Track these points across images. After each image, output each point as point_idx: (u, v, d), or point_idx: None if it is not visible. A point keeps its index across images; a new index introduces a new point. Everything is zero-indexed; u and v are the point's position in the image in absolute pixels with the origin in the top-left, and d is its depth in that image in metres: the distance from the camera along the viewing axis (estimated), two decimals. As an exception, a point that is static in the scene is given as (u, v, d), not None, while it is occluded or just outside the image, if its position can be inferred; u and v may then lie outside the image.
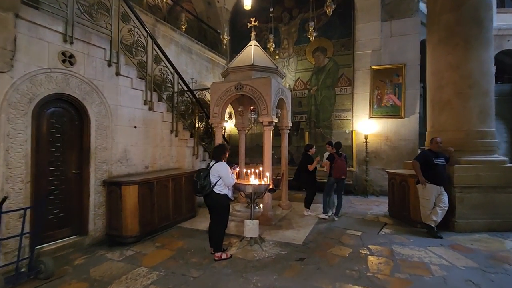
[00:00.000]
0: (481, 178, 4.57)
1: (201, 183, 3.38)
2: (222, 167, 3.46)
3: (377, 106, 8.07)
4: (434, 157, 4.46)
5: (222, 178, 3.42)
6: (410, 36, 7.79)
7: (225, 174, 3.43)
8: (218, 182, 3.42)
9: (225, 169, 3.46)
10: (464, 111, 4.86)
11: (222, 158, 3.53)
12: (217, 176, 3.42)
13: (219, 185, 3.43)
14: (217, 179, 3.42)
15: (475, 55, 4.83)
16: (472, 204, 4.62)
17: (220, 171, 3.43)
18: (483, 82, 4.84)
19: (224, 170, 3.45)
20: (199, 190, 3.43)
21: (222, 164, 3.49)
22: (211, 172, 3.44)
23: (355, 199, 7.32)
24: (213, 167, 3.45)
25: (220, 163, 3.48)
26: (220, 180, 3.42)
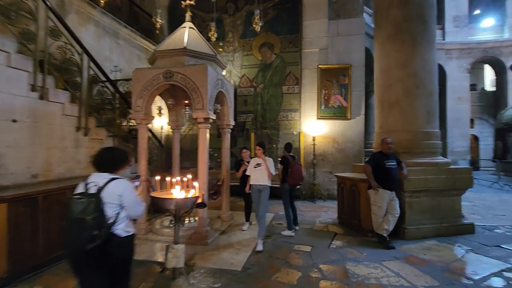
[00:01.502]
0: (429, 181, 4.36)
1: (90, 224, 1.73)
2: (125, 188, 1.93)
3: (325, 107, 7.78)
4: (385, 160, 4.09)
5: (128, 207, 1.94)
6: (355, 36, 7.68)
7: (132, 199, 1.96)
8: (121, 215, 1.91)
9: (130, 191, 1.97)
10: (412, 111, 4.65)
11: (120, 170, 2.04)
12: (118, 204, 1.89)
13: (122, 221, 1.92)
14: (117, 210, 1.89)
15: (421, 53, 4.67)
16: (421, 209, 4.39)
17: (123, 195, 1.90)
18: (429, 81, 4.69)
19: (130, 193, 1.96)
20: (87, 240, 1.73)
21: (123, 182, 1.95)
22: (105, 198, 1.83)
23: (303, 204, 6.83)
24: (107, 189, 1.85)
25: (119, 181, 1.92)
26: (124, 211, 1.94)
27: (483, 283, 2.91)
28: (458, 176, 4.52)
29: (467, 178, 4.57)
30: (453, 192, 4.57)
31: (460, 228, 4.47)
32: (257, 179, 4.25)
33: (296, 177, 4.70)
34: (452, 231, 4.41)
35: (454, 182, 4.49)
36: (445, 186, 4.46)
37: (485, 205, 6.75)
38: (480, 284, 2.89)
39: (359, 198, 4.51)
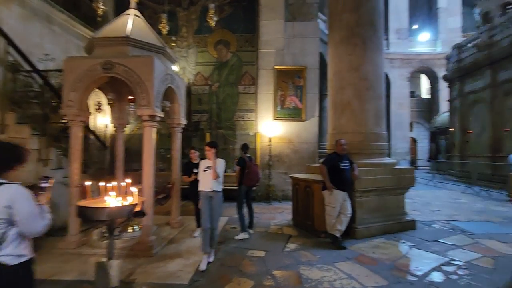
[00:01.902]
0: (377, 181, 4.52)
1: None
2: (16, 197, 1.40)
3: (281, 108, 7.77)
4: (339, 161, 4.13)
5: (21, 221, 1.40)
6: (310, 39, 7.82)
7: (27, 211, 1.41)
8: (9, 234, 1.39)
9: (25, 201, 1.42)
10: (362, 113, 4.80)
11: (9, 172, 1.47)
12: (4, 220, 1.37)
13: (11, 243, 1.40)
14: (3, 229, 1.37)
15: (371, 57, 4.85)
16: (370, 208, 4.53)
17: (14, 206, 1.37)
18: (378, 85, 4.90)
19: (23, 204, 1.41)
20: None
21: (14, 188, 1.41)
22: None
23: (258, 206, 6.69)
24: None
25: (7, 187, 1.40)
26: (14, 229, 1.41)
27: (426, 279, 3.03)
28: (403, 176, 4.78)
29: (410, 178, 4.86)
30: (398, 191, 4.82)
31: (404, 225, 4.73)
32: (207, 184, 3.53)
33: (253, 178, 4.61)
34: (397, 228, 4.64)
35: (399, 182, 4.74)
36: (392, 186, 4.67)
37: (423, 202, 7.35)
38: (423, 280, 3.01)
39: (313, 199, 4.50)
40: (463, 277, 3.04)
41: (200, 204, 3.58)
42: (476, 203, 7.25)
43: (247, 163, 4.62)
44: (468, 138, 12.07)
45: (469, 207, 6.64)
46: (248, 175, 4.56)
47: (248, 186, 4.63)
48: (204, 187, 3.58)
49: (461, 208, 6.51)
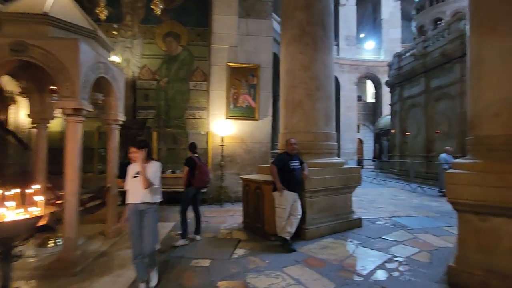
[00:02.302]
0: (327, 181, 4.53)
1: None
2: None
3: (234, 106, 7.52)
4: (290, 160, 4.01)
5: None
6: (264, 38, 7.72)
7: None
8: None
9: None
10: (313, 112, 4.77)
11: None
12: None
13: None
14: None
15: (322, 57, 4.86)
16: (319, 208, 4.52)
17: None
18: (327, 85, 4.93)
19: None
20: None
21: None
22: None
23: (209, 209, 6.36)
24: None
25: None
26: None
27: (371, 278, 3.04)
28: (350, 175, 4.87)
29: (358, 177, 4.98)
30: (346, 190, 4.91)
31: (351, 223, 4.82)
32: (137, 195, 2.69)
33: (204, 179, 4.32)
34: (345, 226, 4.71)
35: (347, 181, 4.82)
36: (340, 185, 4.73)
37: (368, 199, 7.74)
38: (368, 280, 3.00)
39: (264, 201, 4.33)
40: (404, 274, 3.11)
41: (123, 220, 2.80)
42: (413, 199, 7.86)
43: (197, 163, 4.29)
44: (406, 139, 13.21)
45: (408, 203, 7.15)
46: (199, 175, 4.25)
47: (197, 187, 4.31)
48: (133, 199, 2.71)
49: (401, 204, 6.97)
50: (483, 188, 2.60)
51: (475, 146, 2.91)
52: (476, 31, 3.00)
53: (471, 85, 3.04)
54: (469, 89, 3.07)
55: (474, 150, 2.91)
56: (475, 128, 2.93)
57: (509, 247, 2.53)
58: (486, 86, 2.82)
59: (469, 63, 3.10)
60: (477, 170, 2.71)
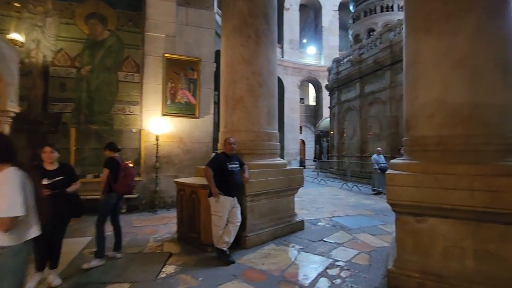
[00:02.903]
0: (269, 183, 4.25)
1: None
2: None
3: (171, 102, 6.82)
4: (228, 162, 3.61)
5: None
6: (206, 30, 7.19)
7: None
8: None
9: None
10: (255, 110, 4.46)
11: None
12: None
13: None
14: None
15: (265, 52, 4.58)
16: (261, 212, 4.22)
17: None
18: (270, 82, 4.67)
19: None
20: None
21: None
22: None
23: (139, 218, 5.58)
24: None
25: None
26: None
27: (313, 288, 2.82)
28: (293, 177, 4.69)
29: (300, 178, 4.83)
30: (289, 192, 4.71)
31: (294, 227, 4.64)
32: None
33: (130, 184, 3.63)
34: (287, 230, 4.50)
35: (290, 182, 4.62)
36: (283, 187, 4.51)
37: (309, 199, 7.81)
38: (311, 290, 2.78)
39: (199, 208, 3.84)
40: (345, 280, 2.97)
41: None
42: (350, 197, 8.21)
43: (121, 165, 3.57)
44: (343, 140, 14.02)
45: (346, 202, 7.40)
46: (124, 179, 3.53)
47: (121, 193, 3.59)
48: None
49: (340, 204, 7.16)
50: (420, 189, 2.57)
51: (411, 146, 2.90)
52: (412, 32, 3.02)
53: (407, 86, 3.05)
54: (406, 90, 3.08)
55: (411, 151, 2.91)
56: (411, 129, 2.93)
57: (443, 248, 2.54)
58: (421, 87, 2.83)
59: (405, 64, 3.12)
60: (414, 171, 2.69)
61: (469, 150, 2.53)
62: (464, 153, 2.53)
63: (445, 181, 2.47)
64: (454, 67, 2.62)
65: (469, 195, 2.39)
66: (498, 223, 2.36)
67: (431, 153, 2.68)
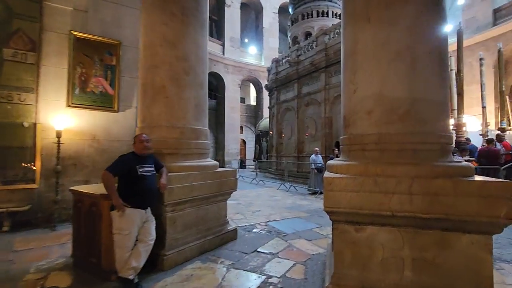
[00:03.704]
0: (196, 189, 3.62)
1: None
2: None
3: (81, 91, 5.59)
4: (139, 164, 2.86)
5: None
6: (128, 9, 6.13)
7: None
8: None
9: None
10: (180, 102, 3.77)
11: None
12: None
13: None
14: None
15: (194, 36, 3.92)
16: (185, 224, 3.55)
17: None
18: (199, 70, 4.03)
19: None
20: None
21: None
22: None
23: (27, 237, 4.33)
24: None
25: None
26: None
27: (241, 318, 2.30)
28: (225, 180, 4.14)
29: (233, 181, 4.30)
30: (220, 198, 4.14)
31: (225, 237, 4.09)
32: None
33: None
34: (218, 242, 3.93)
35: (221, 187, 4.06)
36: (213, 192, 3.92)
37: (246, 202, 7.39)
38: (238, 322, 2.25)
39: (100, 224, 2.97)
40: (279, 302, 2.53)
41: None
42: (287, 198, 8.06)
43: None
44: (282, 140, 14.10)
45: (283, 204, 7.18)
46: None
47: None
48: None
49: (277, 206, 6.89)
50: (359, 194, 2.27)
51: (350, 145, 2.62)
52: (351, 20, 2.75)
53: (345, 78, 2.77)
54: (344, 83, 2.80)
55: (350, 151, 2.62)
56: (350, 126, 2.65)
57: (382, 259, 2.29)
58: (360, 80, 2.56)
59: (343, 55, 2.84)
60: (354, 173, 2.39)
61: (407, 149, 2.32)
62: (403, 152, 2.32)
63: (385, 184, 2.21)
64: (392, 59, 2.40)
65: (409, 199, 2.16)
66: (435, 229, 2.19)
67: (370, 152, 2.41)
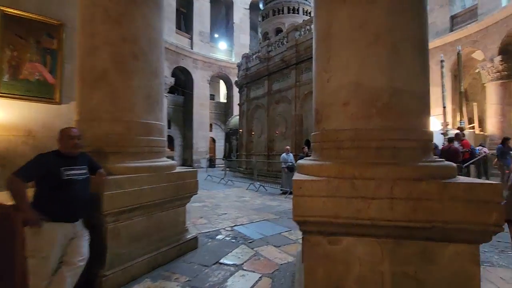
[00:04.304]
0: (145, 194, 3.07)
1: None
2: None
3: (12, 78, 4.70)
4: (64, 166, 2.27)
5: None
6: (73, -15, 5.32)
7: None
8: None
9: None
10: (127, 92, 3.19)
11: None
12: None
13: None
14: None
15: (145, 13, 3.34)
16: (132, 235, 3.00)
17: None
18: (153, 56, 3.46)
19: None
20: None
21: None
22: None
23: None
24: None
25: None
26: None
27: None
28: (183, 182, 3.63)
29: (193, 184, 3.80)
30: (177, 203, 3.63)
31: (184, 247, 3.58)
32: None
33: None
34: (174, 254, 3.42)
35: (178, 190, 3.54)
36: (168, 197, 3.40)
37: (213, 204, 6.89)
38: None
39: (14, 244, 2.34)
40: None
41: None
42: (256, 199, 7.69)
43: None
44: (252, 138, 13.73)
45: (251, 205, 6.79)
46: None
47: None
48: None
49: (244, 208, 6.48)
50: (334, 200, 1.92)
51: (323, 143, 2.26)
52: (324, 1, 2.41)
53: (317, 66, 2.42)
54: (316, 72, 2.44)
55: (322, 149, 2.27)
56: (322, 121, 2.30)
57: (359, 274, 1.96)
58: (335, 67, 2.21)
59: (315, 39, 2.48)
60: (327, 175, 2.03)
61: (387, 147, 2.02)
62: (382, 151, 2.01)
63: (364, 188, 1.88)
64: (371, 43, 2.08)
65: (389, 205, 1.85)
66: (418, 239, 1.90)
67: (346, 151, 2.08)
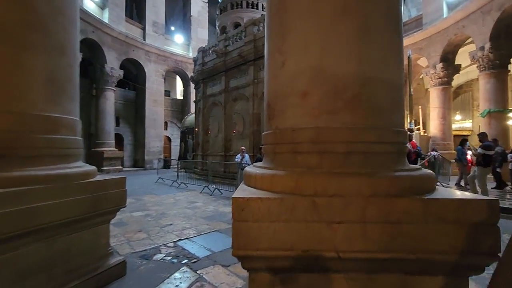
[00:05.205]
0: (43, 212, 2.26)
1: None
2: None
3: None
4: None
5: None
6: None
7: None
8: None
9: None
10: (16, 73, 2.32)
11: None
12: None
13: None
14: None
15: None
16: (21, 271, 2.17)
17: None
18: (58, 27, 2.62)
19: None
20: None
21: None
22: None
23: None
24: None
25: None
26: None
27: None
28: (104, 193, 2.84)
29: (119, 195, 3.03)
30: (97, 220, 2.84)
31: (103, 278, 2.81)
32: None
33: None
34: (92, 286, 2.63)
35: (97, 204, 2.76)
36: (82, 214, 2.60)
37: (159, 212, 6.06)
38: None
39: None
40: None
41: None
42: (209, 204, 7.01)
43: None
44: (208, 138, 12.96)
45: (202, 212, 6.10)
46: None
47: None
48: None
49: (194, 216, 5.78)
50: (289, 226, 1.39)
51: (276, 146, 1.73)
52: (278, -37, 1.87)
53: (270, 46, 1.87)
54: (268, 54, 1.90)
55: (275, 153, 1.73)
56: (275, 117, 1.76)
57: (321, 324, 1.46)
58: (291, 47, 1.69)
59: (268, 13, 1.94)
60: (280, 190, 1.50)
61: (356, 152, 1.54)
62: (351, 156, 1.53)
63: (328, 208, 1.38)
64: (337, 15, 1.59)
65: (361, 231, 1.38)
66: (395, 273, 1.46)
67: (306, 156, 1.56)
